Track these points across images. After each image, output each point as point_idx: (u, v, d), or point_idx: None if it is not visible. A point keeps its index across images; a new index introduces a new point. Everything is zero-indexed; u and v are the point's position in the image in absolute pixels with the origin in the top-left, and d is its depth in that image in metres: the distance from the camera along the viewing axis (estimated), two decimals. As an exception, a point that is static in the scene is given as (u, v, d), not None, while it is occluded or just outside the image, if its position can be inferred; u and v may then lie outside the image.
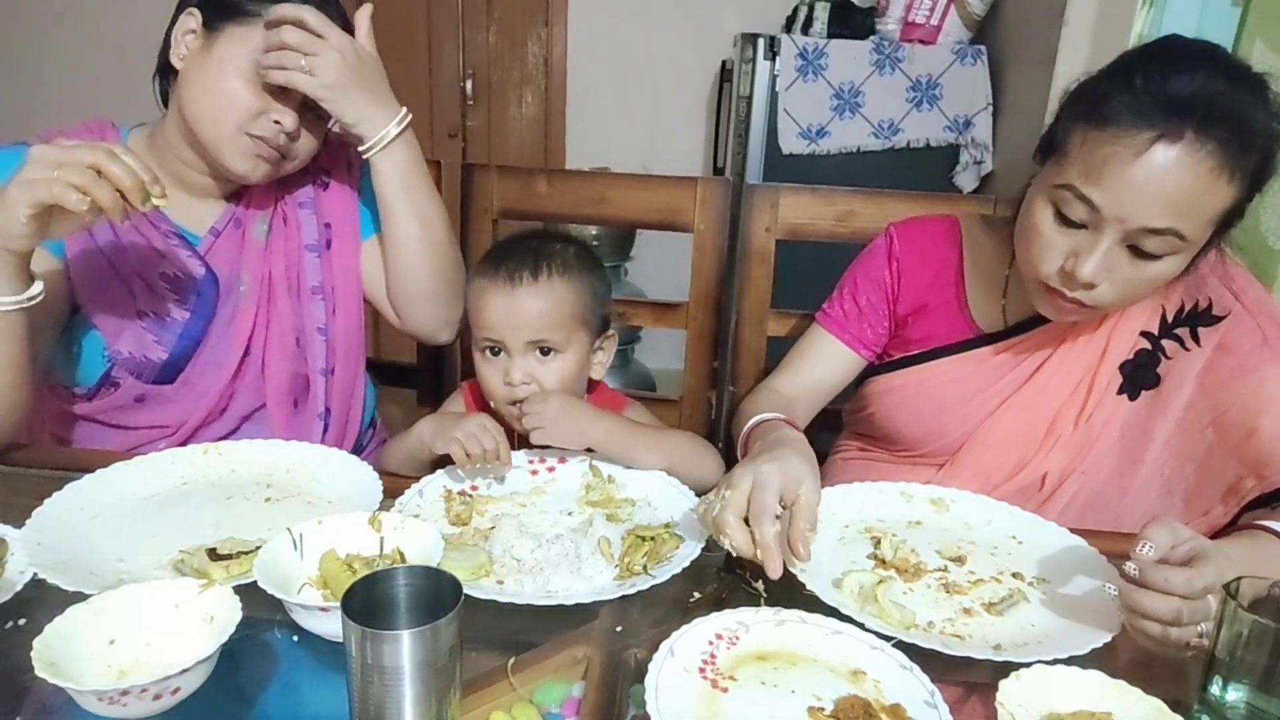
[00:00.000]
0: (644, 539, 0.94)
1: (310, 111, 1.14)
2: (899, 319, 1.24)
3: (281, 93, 1.10)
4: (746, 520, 0.86)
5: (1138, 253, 0.96)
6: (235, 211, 1.23)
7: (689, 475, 1.08)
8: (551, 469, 1.12)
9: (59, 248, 1.12)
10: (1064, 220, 0.98)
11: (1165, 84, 0.91)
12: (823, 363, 1.28)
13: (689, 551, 0.92)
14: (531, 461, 1.13)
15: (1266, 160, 0.93)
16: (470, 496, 1.06)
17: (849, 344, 1.27)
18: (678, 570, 0.89)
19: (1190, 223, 0.93)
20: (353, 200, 1.31)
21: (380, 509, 0.93)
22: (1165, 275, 0.98)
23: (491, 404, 1.16)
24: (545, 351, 1.13)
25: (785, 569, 0.87)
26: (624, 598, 0.86)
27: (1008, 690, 0.72)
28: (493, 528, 0.97)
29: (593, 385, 1.26)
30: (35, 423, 1.21)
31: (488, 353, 1.15)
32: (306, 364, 1.28)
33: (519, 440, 1.13)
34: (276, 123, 1.11)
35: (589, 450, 1.10)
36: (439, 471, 1.08)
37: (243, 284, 1.23)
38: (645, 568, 0.91)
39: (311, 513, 0.97)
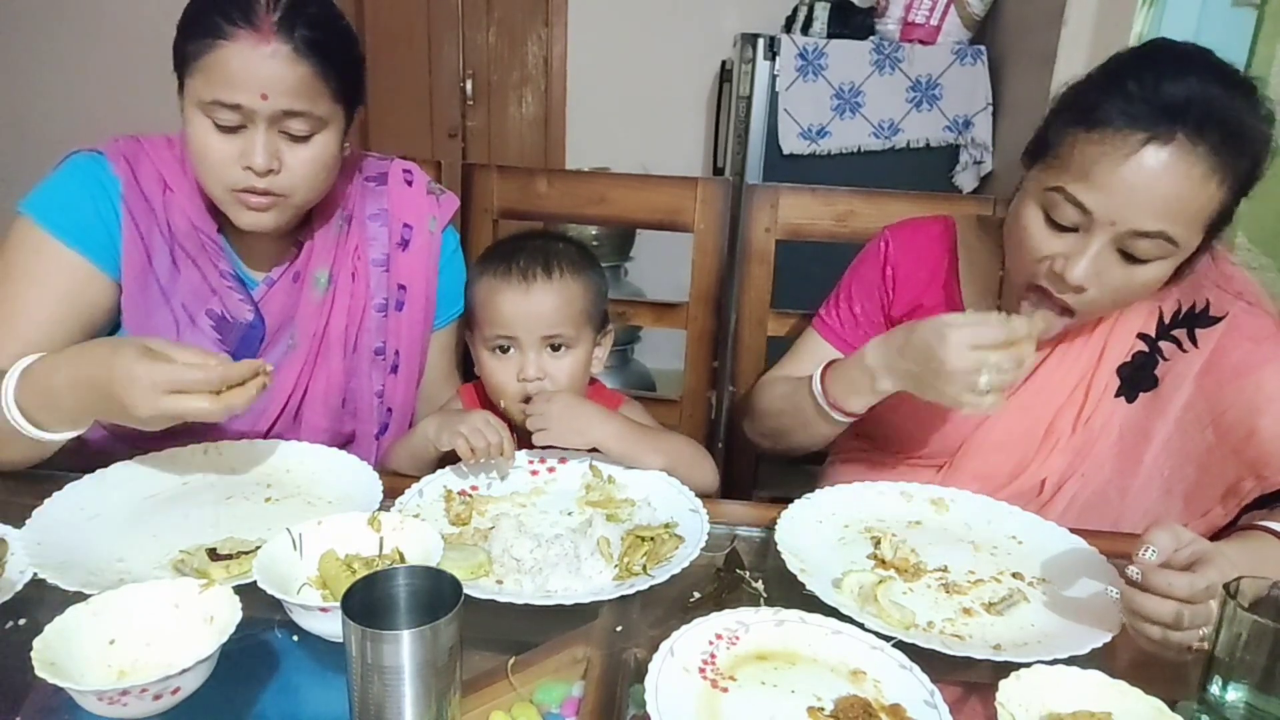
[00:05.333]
0: (643, 539, 0.94)
1: (284, 135, 1.04)
2: (894, 322, 1.24)
3: (243, 128, 1.02)
4: None
5: (1127, 257, 0.96)
6: (296, 262, 1.18)
7: (686, 480, 1.08)
8: (552, 469, 1.12)
9: (115, 268, 1.10)
10: (1054, 224, 0.98)
11: (1158, 87, 0.91)
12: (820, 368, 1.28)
13: (688, 552, 0.92)
14: (532, 462, 1.13)
15: (1255, 165, 0.93)
16: (470, 496, 1.06)
17: (845, 353, 1.26)
18: (677, 570, 0.88)
19: (1180, 226, 0.93)
20: (432, 264, 1.28)
21: (380, 509, 0.93)
22: (1154, 281, 0.98)
23: (502, 403, 1.16)
24: (556, 347, 1.14)
25: (786, 568, 0.88)
26: (624, 598, 0.86)
27: (1008, 690, 0.72)
28: (492, 528, 0.97)
29: (590, 382, 1.26)
30: None
31: (498, 351, 1.15)
32: (346, 424, 1.26)
33: (523, 440, 1.13)
34: (248, 169, 1.03)
35: (591, 450, 1.11)
36: (440, 471, 1.09)
37: (292, 338, 1.20)
38: (644, 568, 0.91)
39: (311, 513, 0.97)
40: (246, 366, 0.91)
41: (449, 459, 1.08)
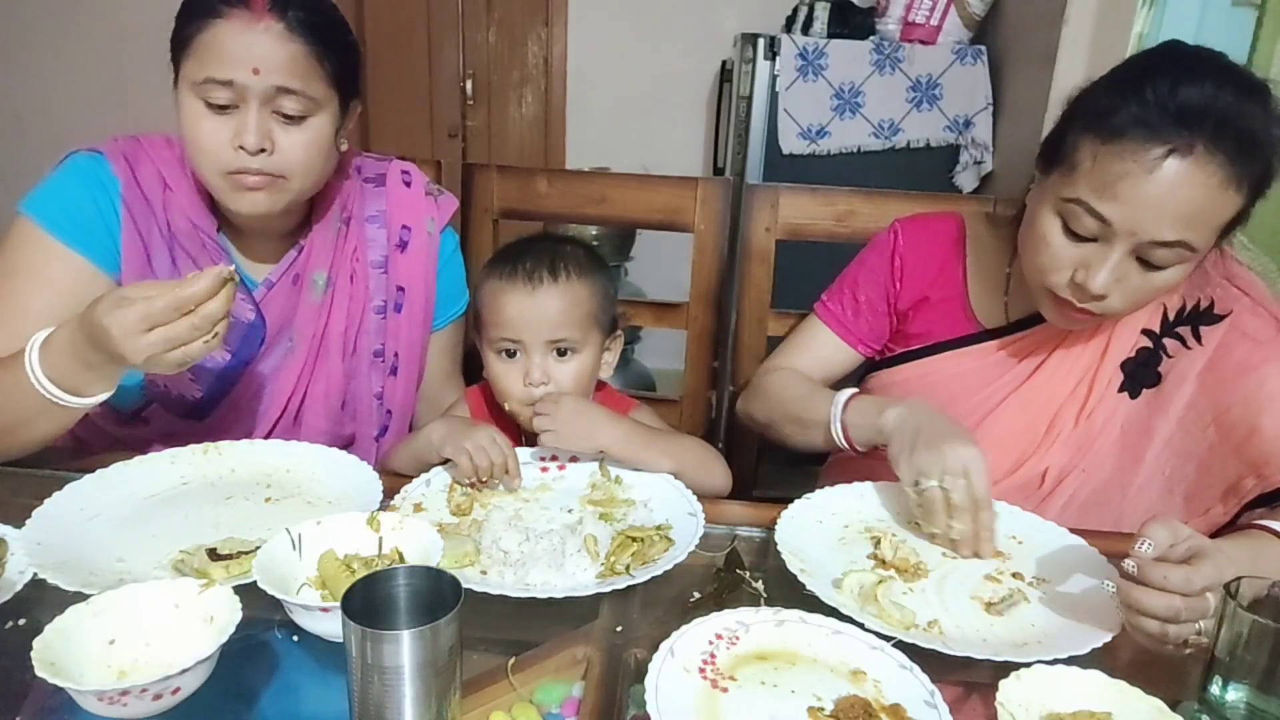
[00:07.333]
0: (633, 539, 0.94)
1: (277, 116, 1.04)
2: (899, 314, 1.24)
3: (235, 108, 1.02)
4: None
5: (1145, 264, 0.96)
6: (295, 263, 1.18)
7: (696, 482, 1.08)
8: (562, 467, 1.12)
9: (115, 268, 1.10)
10: (1072, 234, 0.98)
11: (1175, 94, 0.90)
12: (821, 356, 1.28)
13: (674, 555, 0.91)
14: (543, 459, 1.13)
15: (1269, 168, 0.93)
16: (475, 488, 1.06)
17: (847, 340, 1.27)
18: (658, 573, 0.88)
19: (1199, 234, 0.93)
20: (430, 266, 1.28)
21: (380, 509, 0.93)
22: (1171, 283, 0.98)
23: (508, 406, 1.16)
24: (562, 352, 1.14)
25: (786, 568, 0.89)
26: (624, 599, 0.86)
27: (1008, 690, 0.72)
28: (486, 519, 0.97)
29: (599, 386, 1.26)
30: None
31: (504, 354, 1.15)
32: (346, 426, 1.26)
33: (529, 441, 1.13)
34: (241, 149, 1.02)
35: (600, 453, 1.10)
36: (449, 463, 1.08)
37: (291, 340, 1.20)
38: (628, 568, 0.90)
39: (311, 513, 0.97)
40: (209, 277, 0.89)
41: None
